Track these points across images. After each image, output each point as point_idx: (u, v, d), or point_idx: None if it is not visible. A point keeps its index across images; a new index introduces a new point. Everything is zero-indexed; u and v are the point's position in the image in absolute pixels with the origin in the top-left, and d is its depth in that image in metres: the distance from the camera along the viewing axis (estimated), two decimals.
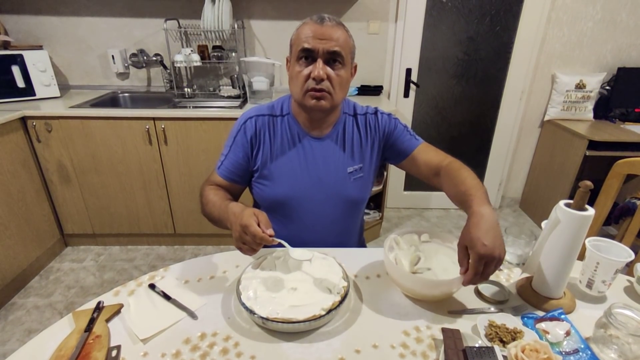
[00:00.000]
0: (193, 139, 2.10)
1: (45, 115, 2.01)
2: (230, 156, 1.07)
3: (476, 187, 0.89)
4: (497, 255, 0.72)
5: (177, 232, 2.37)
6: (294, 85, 0.99)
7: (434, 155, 1.08)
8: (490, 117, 2.76)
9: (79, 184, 2.18)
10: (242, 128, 1.06)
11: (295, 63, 0.97)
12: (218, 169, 1.08)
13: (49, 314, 1.87)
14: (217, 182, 1.08)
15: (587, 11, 2.45)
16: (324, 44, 0.92)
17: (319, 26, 0.93)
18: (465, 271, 0.75)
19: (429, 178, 1.09)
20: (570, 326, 0.75)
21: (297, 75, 0.96)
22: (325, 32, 0.92)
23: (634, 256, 0.84)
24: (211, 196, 1.01)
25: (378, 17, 2.45)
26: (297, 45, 0.95)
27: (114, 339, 0.74)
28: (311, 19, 0.95)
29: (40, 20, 2.37)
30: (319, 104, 0.97)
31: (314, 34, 0.92)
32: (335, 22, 0.95)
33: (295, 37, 0.97)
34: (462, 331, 0.72)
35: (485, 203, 0.82)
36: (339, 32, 0.94)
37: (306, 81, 0.95)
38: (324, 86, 0.95)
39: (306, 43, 0.93)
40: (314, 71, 0.93)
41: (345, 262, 0.93)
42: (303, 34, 0.94)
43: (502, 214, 2.97)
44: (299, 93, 0.98)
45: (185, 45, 2.46)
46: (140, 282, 0.90)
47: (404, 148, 1.10)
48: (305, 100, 0.97)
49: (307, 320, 0.73)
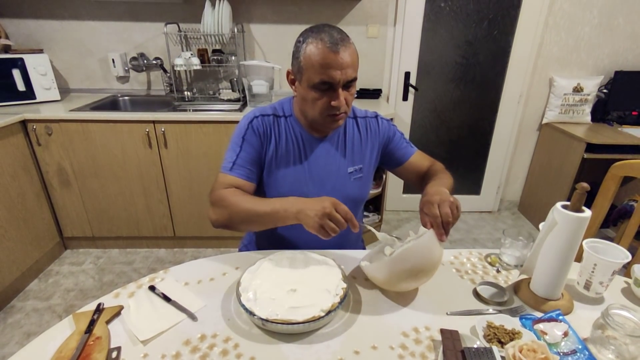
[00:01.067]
0: (193, 142, 2.11)
1: (46, 119, 2.01)
2: (242, 155, 1.03)
3: (443, 180, 1.01)
4: (447, 197, 0.85)
5: (177, 234, 2.37)
6: (310, 108, 0.99)
7: (424, 163, 1.16)
8: (489, 120, 2.78)
9: (79, 187, 2.19)
10: (250, 127, 1.05)
11: (309, 88, 0.95)
12: (231, 170, 1.02)
13: (48, 317, 1.86)
14: (233, 183, 1.01)
15: (584, 16, 2.47)
16: (343, 74, 0.92)
17: (334, 55, 0.90)
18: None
19: (417, 183, 1.16)
20: (568, 327, 0.75)
21: (313, 101, 0.96)
22: (342, 61, 0.90)
23: (630, 257, 0.85)
24: (239, 196, 0.96)
25: (377, 21, 2.47)
26: (312, 74, 0.93)
27: (114, 340, 0.75)
28: (322, 42, 0.90)
29: (41, 24, 2.38)
30: (338, 124, 1.02)
31: (331, 65, 0.90)
32: (346, 42, 0.92)
33: (307, 60, 0.93)
34: (460, 332, 0.72)
35: (442, 186, 0.92)
36: (350, 52, 0.92)
37: (326, 108, 0.96)
38: (343, 110, 0.97)
39: (325, 76, 0.91)
40: (335, 102, 0.94)
41: (344, 263, 0.93)
42: (318, 62, 0.91)
43: (500, 217, 2.98)
44: (317, 117, 0.99)
45: (185, 49, 2.47)
46: (140, 284, 0.90)
47: (400, 155, 1.16)
48: (325, 123, 1.01)
49: (306, 322, 0.73)
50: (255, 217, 0.93)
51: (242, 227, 1.01)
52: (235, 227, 0.99)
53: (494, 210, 3.05)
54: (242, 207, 0.94)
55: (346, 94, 0.96)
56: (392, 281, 0.83)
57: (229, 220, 0.98)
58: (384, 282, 0.85)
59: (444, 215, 0.82)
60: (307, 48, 0.92)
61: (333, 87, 0.94)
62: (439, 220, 0.82)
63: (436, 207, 0.83)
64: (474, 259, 1.04)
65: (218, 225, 1.00)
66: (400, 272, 0.81)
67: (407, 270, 0.80)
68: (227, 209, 0.96)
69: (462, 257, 1.05)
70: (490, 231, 2.77)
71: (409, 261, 0.80)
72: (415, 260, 0.80)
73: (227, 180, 1.02)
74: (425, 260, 0.81)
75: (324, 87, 0.94)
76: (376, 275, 0.85)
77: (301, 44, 0.94)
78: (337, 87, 0.93)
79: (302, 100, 1.01)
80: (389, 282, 0.84)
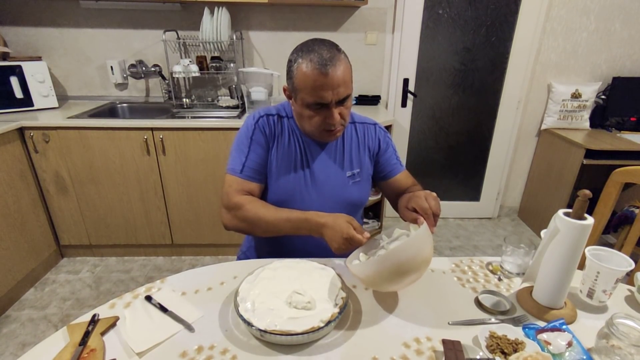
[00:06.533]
0: (191, 149, 2.10)
1: (43, 126, 2.00)
2: (252, 156, 1.04)
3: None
4: (427, 192, 0.92)
5: (175, 242, 2.35)
6: (306, 124, 1.01)
7: (407, 183, 1.16)
8: (488, 126, 2.78)
9: (76, 195, 2.17)
10: (257, 127, 1.05)
11: (304, 107, 0.97)
12: (241, 173, 1.02)
13: (44, 327, 1.84)
14: (245, 188, 1.02)
15: (582, 22, 2.48)
16: (335, 94, 0.93)
17: (324, 77, 0.90)
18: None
19: (395, 201, 1.15)
20: (572, 337, 0.74)
21: (309, 118, 0.98)
22: (333, 80, 0.91)
23: (634, 265, 0.84)
24: (260, 207, 1.00)
25: (375, 28, 2.48)
26: (305, 95, 0.94)
27: (110, 352, 0.73)
28: (312, 63, 0.90)
29: (40, 31, 2.39)
30: (335, 137, 1.04)
31: (322, 87, 0.91)
32: (335, 59, 0.91)
33: (299, 82, 0.93)
34: (462, 342, 0.71)
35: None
36: (342, 69, 0.92)
37: (321, 124, 0.98)
38: (338, 124, 0.98)
39: (317, 97, 0.93)
40: (329, 119, 0.96)
41: (344, 273, 0.92)
42: (309, 85, 0.91)
43: (500, 223, 2.97)
44: (314, 132, 1.02)
45: (184, 56, 2.48)
46: (137, 294, 0.89)
47: (388, 170, 1.17)
48: (321, 137, 1.03)
49: (305, 333, 0.72)
50: (277, 226, 0.98)
51: (259, 234, 1.05)
52: (253, 233, 1.04)
53: (493, 216, 3.04)
54: (264, 219, 0.98)
55: (341, 109, 0.98)
56: (383, 279, 0.80)
57: (247, 227, 1.02)
58: (373, 281, 0.82)
59: (433, 207, 0.87)
60: (298, 69, 0.93)
61: (327, 106, 0.95)
62: (430, 212, 0.86)
63: (424, 200, 0.88)
64: (475, 267, 1.03)
65: (232, 229, 1.04)
66: (393, 268, 0.77)
67: (401, 265, 0.77)
68: (247, 218, 0.99)
69: (463, 265, 1.04)
70: (490, 238, 2.76)
71: (404, 256, 0.76)
72: (409, 255, 0.77)
73: (238, 184, 1.03)
74: (420, 254, 0.79)
75: (317, 107, 0.95)
76: (368, 273, 0.81)
77: (293, 64, 0.95)
78: (330, 106, 0.95)
79: (299, 116, 1.03)
80: (380, 280, 0.80)
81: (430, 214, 0.86)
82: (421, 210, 0.87)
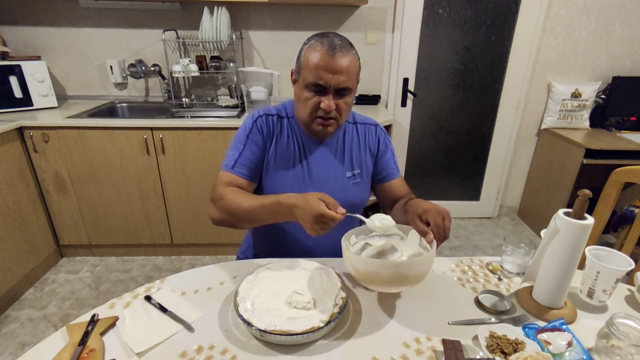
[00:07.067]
0: (191, 148, 2.10)
1: (43, 126, 2.00)
2: (245, 153, 1.03)
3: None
4: (444, 209, 0.86)
5: (175, 242, 2.35)
6: (301, 108, 1.00)
7: (402, 190, 1.15)
8: (488, 126, 2.77)
9: (76, 195, 2.17)
10: (255, 125, 1.05)
11: (303, 88, 0.97)
12: (232, 168, 1.02)
13: (44, 327, 1.84)
14: (233, 181, 1.01)
15: (581, 21, 2.48)
16: (335, 79, 0.93)
17: (330, 58, 0.92)
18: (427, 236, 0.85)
19: (387, 206, 1.16)
20: (572, 337, 0.74)
21: (305, 100, 0.98)
22: (337, 65, 0.92)
23: (634, 265, 0.84)
24: (239, 195, 0.96)
25: (375, 28, 2.47)
26: (308, 74, 0.95)
27: (109, 352, 0.73)
28: (322, 44, 0.93)
29: (39, 31, 2.38)
30: (326, 130, 1.01)
31: (325, 67, 0.92)
32: (345, 49, 0.94)
33: (305, 60, 0.95)
34: (462, 342, 0.71)
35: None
36: (349, 60, 0.94)
37: (315, 109, 0.97)
38: (331, 115, 0.98)
39: (317, 78, 0.93)
40: (324, 103, 0.95)
41: (344, 273, 0.92)
42: (313, 62, 0.93)
43: (500, 223, 2.97)
44: (306, 117, 1.00)
45: (184, 56, 2.47)
46: (136, 294, 0.89)
47: (385, 174, 1.16)
48: (313, 126, 1.01)
49: (305, 333, 0.72)
50: (254, 213, 0.92)
51: (242, 225, 1.01)
52: (236, 224, 0.99)
53: (493, 216, 3.04)
54: (242, 206, 0.93)
55: (340, 102, 0.97)
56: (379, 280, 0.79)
57: (229, 218, 0.98)
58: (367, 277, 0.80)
59: (447, 229, 0.84)
60: (308, 48, 0.96)
61: (325, 90, 0.95)
62: (442, 232, 0.83)
63: (441, 219, 0.84)
64: (475, 267, 1.03)
65: (218, 222, 1.00)
66: (396, 277, 0.77)
67: (405, 278, 0.78)
68: (227, 208, 0.96)
69: (463, 265, 1.04)
70: (490, 237, 2.76)
71: (413, 271, 0.78)
72: (417, 271, 0.79)
73: (227, 178, 1.02)
74: (424, 272, 0.81)
75: (317, 88, 0.95)
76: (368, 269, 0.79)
77: (304, 46, 0.98)
78: (328, 91, 0.95)
79: (296, 99, 1.03)
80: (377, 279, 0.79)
81: (442, 235, 0.84)
82: (435, 228, 0.84)
